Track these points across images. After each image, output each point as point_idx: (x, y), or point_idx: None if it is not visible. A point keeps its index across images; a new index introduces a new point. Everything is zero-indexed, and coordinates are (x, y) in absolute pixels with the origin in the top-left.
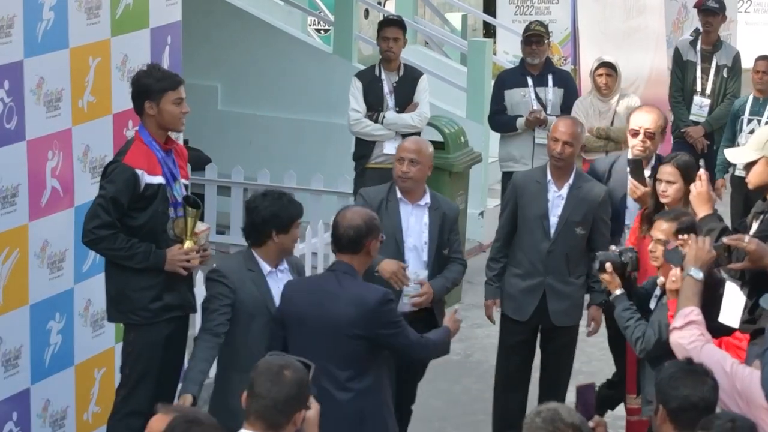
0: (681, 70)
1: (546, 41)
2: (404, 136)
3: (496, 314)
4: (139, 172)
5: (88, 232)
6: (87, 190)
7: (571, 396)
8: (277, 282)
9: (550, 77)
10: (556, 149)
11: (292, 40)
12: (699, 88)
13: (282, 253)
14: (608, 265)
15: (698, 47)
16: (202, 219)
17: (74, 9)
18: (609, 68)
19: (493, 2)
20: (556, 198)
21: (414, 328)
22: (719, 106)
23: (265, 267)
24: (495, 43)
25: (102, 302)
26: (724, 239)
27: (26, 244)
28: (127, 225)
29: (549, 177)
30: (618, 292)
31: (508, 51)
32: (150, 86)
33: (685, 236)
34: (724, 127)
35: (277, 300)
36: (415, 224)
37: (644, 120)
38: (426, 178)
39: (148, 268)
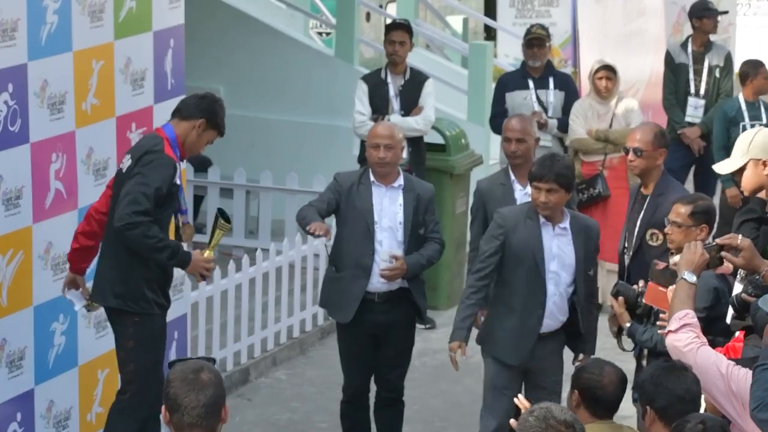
0: (673, 73)
1: (547, 44)
2: (409, 139)
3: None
4: (177, 167)
5: (126, 215)
6: (90, 192)
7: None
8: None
9: (551, 80)
10: (510, 148)
11: (294, 43)
12: (693, 89)
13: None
14: (620, 299)
15: (689, 49)
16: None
17: (77, 12)
18: (609, 71)
19: (493, 5)
20: (523, 196)
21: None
22: (714, 106)
23: (541, 218)
24: (496, 46)
25: None
26: (717, 240)
27: (30, 245)
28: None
29: (512, 177)
30: (628, 324)
31: (509, 54)
32: (217, 118)
33: (676, 258)
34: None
35: (549, 251)
36: (390, 205)
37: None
38: (399, 161)
39: (171, 264)
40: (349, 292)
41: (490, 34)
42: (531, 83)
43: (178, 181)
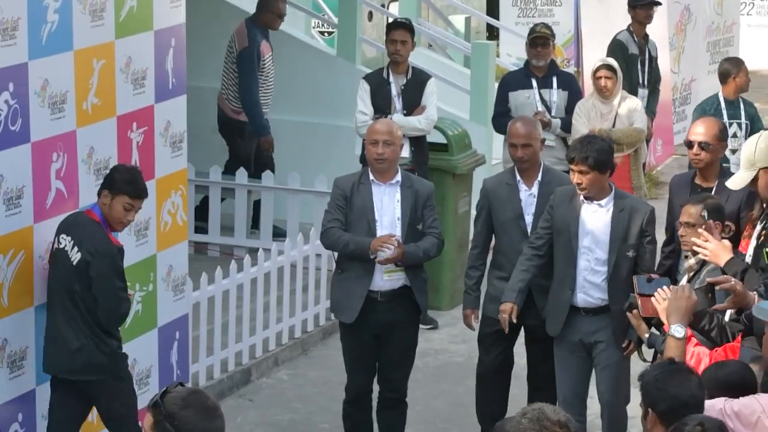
0: (626, 64)
1: (551, 43)
2: (411, 138)
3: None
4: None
5: (122, 316)
6: (91, 191)
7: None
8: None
9: (554, 79)
10: (516, 154)
11: (296, 42)
12: (641, 80)
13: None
14: (635, 311)
15: (635, 40)
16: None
17: (78, 11)
18: (609, 70)
19: (496, 5)
20: (528, 197)
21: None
22: (653, 96)
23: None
24: (498, 45)
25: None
26: (708, 279)
27: (31, 245)
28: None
29: (518, 177)
30: (647, 335)
31: (511, 53)
32: (114, 182)
33: (691, 261)
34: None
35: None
36: (389, 202)
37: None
38: (398, 158)
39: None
40: (353, 292)
41: (492, 33)
42: (534, 82)
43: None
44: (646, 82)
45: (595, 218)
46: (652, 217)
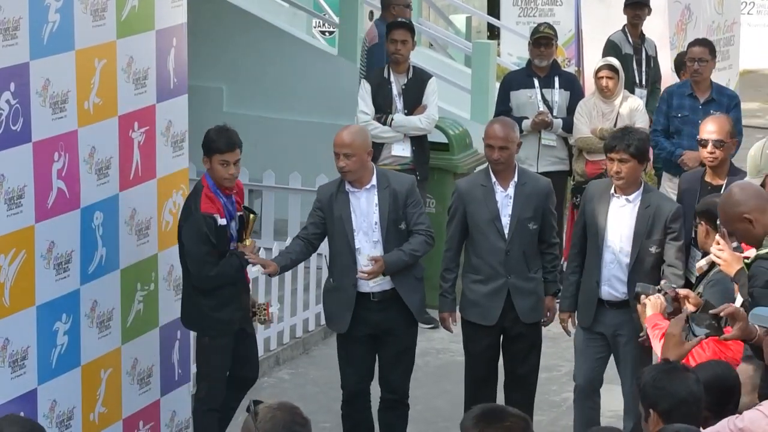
0: (620, 64)
1: (554, 44)
2: (412, 138)
3: (455, 325)
4: (215, 216)
5: (208, 278)
6: (93, 191)
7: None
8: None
9: (556, 79)
10: (493, 156)
11: (297, 41)
12: (637, 79)
13: None
14: (642, 298)
15: (630, 40)
16: None
17: (80, 11)
18: (611, 70)
19: (497, 4)
20: (504, 198)
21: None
22: (653, 95)
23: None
24: (499, 44)
25: (107, 303)
26: (711, 310)
27: (32, 245)
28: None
29: (493, 179)
30: (646, 325)
31: (512, 53)
32: (209, 143)
33: (701, 263)
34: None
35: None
36: (367, 207)
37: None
38: (366, 164)
39: (238, 275)
40: (341, 302)
41: (493, 32)
42: (536, 82)
43: (222, 222)
44: (643, 82)
45: (623, 212)
46: (677, 214)
